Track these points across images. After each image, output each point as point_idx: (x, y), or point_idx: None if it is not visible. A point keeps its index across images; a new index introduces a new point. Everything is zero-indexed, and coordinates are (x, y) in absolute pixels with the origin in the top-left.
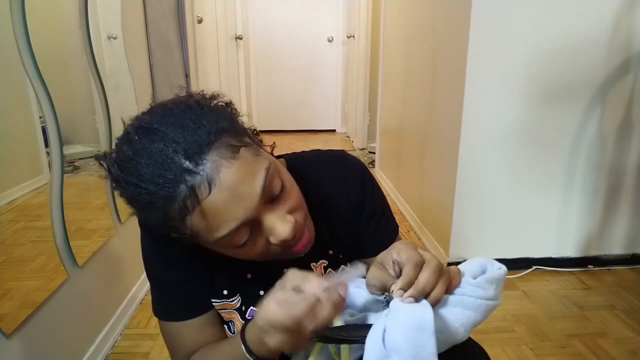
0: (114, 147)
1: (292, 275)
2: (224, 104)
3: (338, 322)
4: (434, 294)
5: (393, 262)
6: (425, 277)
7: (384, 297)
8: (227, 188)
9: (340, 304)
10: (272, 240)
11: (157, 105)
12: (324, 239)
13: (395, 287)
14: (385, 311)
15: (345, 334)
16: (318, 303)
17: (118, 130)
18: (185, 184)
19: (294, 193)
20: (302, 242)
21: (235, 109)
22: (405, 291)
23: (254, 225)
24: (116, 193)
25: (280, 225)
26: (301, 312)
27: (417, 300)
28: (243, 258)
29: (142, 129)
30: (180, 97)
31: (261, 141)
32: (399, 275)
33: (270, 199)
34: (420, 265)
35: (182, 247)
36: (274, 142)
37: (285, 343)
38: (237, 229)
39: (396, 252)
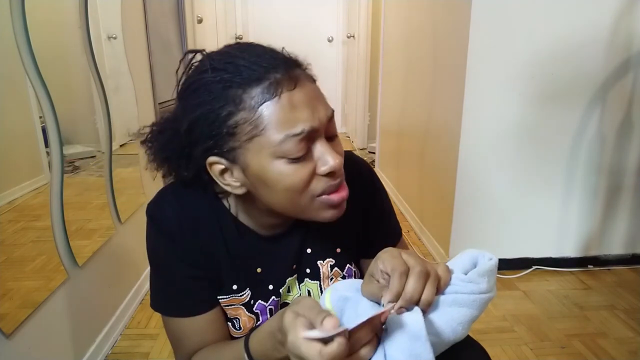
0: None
1: (308, 311)
2: None
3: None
4: (424, 298)
5: (381, 271)
6: (411, 286)
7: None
8: (308, 95)
9: (374, 331)
10: (321, 166)
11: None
12: (331, 238)
13: (385, 300)
14: (385, 327)
15: None
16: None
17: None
18: (279, 73)
19: (342, 148)
20: (341, 191)
21: None
22: (395, 302)
23: (311, 146)
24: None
25: (332, 154)
26: (339, 356)
27: (408, 309)
28: (282, 188)
29: (240, 43)
30: None
31: None
32: (388, 283)
33: (328, 134)
34: (405, 274)
35: (192, 236)
36: None
37: None
38: (308, 133)
39: (381, 263)
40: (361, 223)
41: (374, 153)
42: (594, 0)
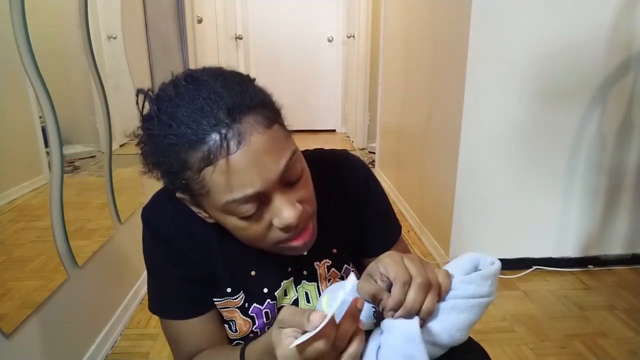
0: (159, 88)
1: (289, 318)
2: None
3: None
4: (424, 309)
5: (381, 274)
6: (412, 297)
7: (373, 313)
8: (254, 153)
9: (356, 320)
10: (276, 222)
11: (210, 66)
12: (327, 238)
13: (386, 310)
14: (379, 330)
15: None
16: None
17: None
18: (218, 135)
19: (309, 187)
20: (303, 237)
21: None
22: (396, 311)
23: (264, 201)
24: (140, 132)
25: (288, 208)
26: (328, 349)
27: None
28: (240, 236)
29: (192, 77)
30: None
31: (290, 132)
32: (387, 287)
33: (287, 181)
34: (407, 284)
35: (186, 239)
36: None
37: None
38: (250, 197)
39: (383, 267)
40: (357, 223)
41: (374, 153)
42: (594, 0)
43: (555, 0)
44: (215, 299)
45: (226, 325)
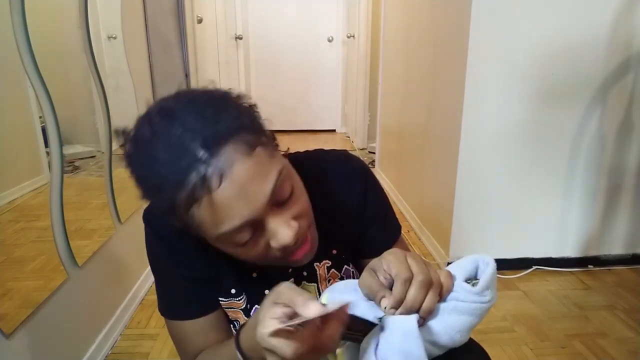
0: (134, 124)
1: (287, 293)
2: (247, 105)
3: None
4: (425, 307)
5: (384, 271)
6: (413, 295)
7: (379, 319)
8: (238, 184)
9: (343, 325)
10: (273, 244)
11: (183, 90)
12: (327, 239)
13: (388, 307)
14: (378, 328)
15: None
16: (320, 332)
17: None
18: (197, 173)
19: (302, 199)
20: (303, 249)
21: (258, 111)
22: (397, 309)
23: (257, 226)
24: (127, 171)
25: (283, 229)
26: (305, 350)
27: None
28: (243, 258)
29: (165, 111)
30: (208, 88)
31: (277, 145)
32: (389, 284)
33: (278, 202)
34: (409, 281)
35: (188, 239)
36: (288, 148)
37: None
38: (241, 227)
39: (386, 264)
40: (356, 223)
41: (374, 153)
42: (594, 0)
43: (555, 0)
44: (221, 299)
45: (231, 325)
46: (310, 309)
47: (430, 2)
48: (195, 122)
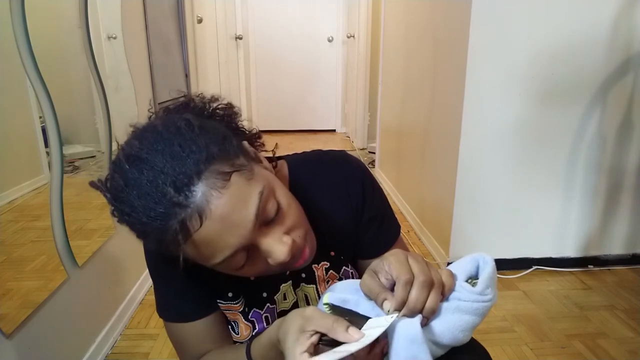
0: (107, 173)
1: (320, 321)
2: (223, 106)
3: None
4: (427, 307)
5: (386, 272)
6: (415, 296)
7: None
8: (219, 219)
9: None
10: (271, 261)
11: (147, 127)
12: (325, 240)
13: (391, 310)
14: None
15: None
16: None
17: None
18: (176, 218)
19: (292, 212)
20: (303, 258)
21: (234, 112)
22: (399, 311)
23: (250, 248)
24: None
25: (277, 248)
26: None
27: (411, 316)
28: (246, 276)
29: (132, 157)
30: (173, 115)
31: (263, 144)
32: (390, 285)
33: (265, 222)
34: (410, 283)
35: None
36: (277, 144)
37: None
38: (233, 255)
39: (387, 265)
40: (355, 225)
41: (374, 153)
42: (594, 1)
43: (555, 0)
44: (219, 301)
45: (229, 326)
46: (352, 335)
47: (430, 2)
48: (164, 164)
